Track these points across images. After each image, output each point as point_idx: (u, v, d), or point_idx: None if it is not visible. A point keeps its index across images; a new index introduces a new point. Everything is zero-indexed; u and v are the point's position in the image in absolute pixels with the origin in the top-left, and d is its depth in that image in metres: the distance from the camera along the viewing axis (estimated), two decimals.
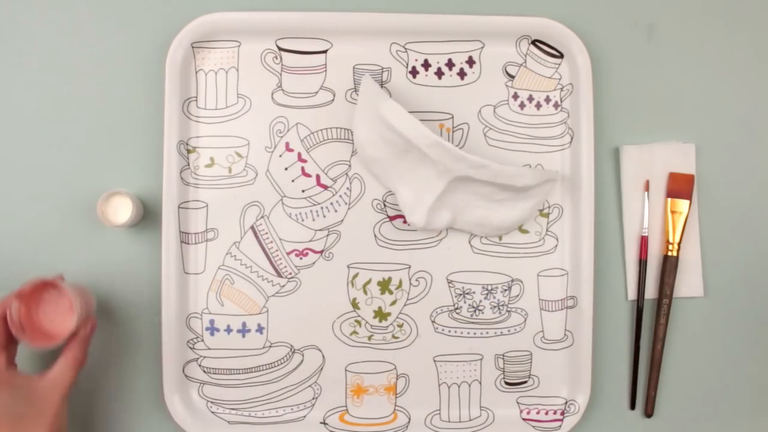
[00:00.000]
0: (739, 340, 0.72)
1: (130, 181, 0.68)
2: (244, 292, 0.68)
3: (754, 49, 0.73)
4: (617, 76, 0.71)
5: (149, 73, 0.68)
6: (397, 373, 0.69)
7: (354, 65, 0.69)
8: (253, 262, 0.68)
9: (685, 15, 0.72)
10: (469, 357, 0.69)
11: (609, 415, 0.71)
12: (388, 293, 0.69)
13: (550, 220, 0.70)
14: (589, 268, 0.68)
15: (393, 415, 0.69)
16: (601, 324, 0.71)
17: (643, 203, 0.71)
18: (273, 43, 0.68)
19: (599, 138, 0.70)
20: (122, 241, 0.68)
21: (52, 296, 0.61)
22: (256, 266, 0.68)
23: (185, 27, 0.67)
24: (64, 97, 0.68)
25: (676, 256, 0.70)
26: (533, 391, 0.70)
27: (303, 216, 0.68)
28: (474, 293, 0.69)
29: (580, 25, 0.70)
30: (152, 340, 0.68)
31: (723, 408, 0.72)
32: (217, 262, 0.68)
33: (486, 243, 0.70)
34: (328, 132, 0.69)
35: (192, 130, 0.68)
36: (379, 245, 0.69)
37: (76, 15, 0.69)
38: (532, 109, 0.70)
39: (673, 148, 0.71)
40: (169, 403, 0.67)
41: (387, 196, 0.69)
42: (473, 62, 0.70)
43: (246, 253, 0.68)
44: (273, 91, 0.69)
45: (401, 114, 0.62)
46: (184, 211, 0.67)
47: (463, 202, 0.66)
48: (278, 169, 0.68)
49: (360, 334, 0.69)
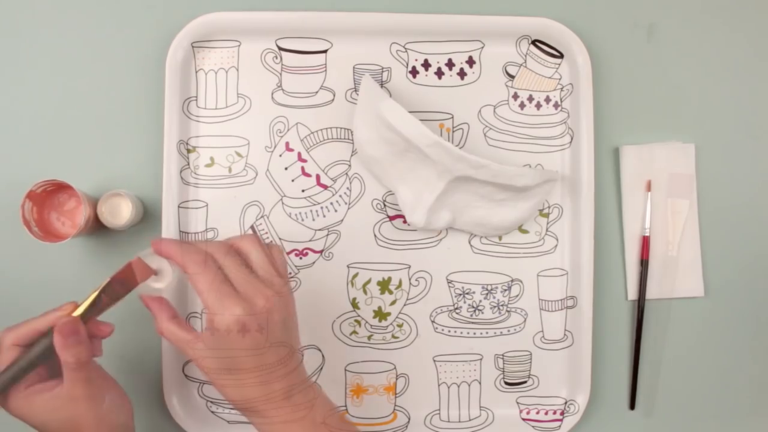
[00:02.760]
0: (739, 340, 0.72)
1: (130, 181, 0.68)
2: None
3: (754, 49, 0.73)
4: (617, 76, 0.71)
5: (149, 73, 0.68)
6: (397, 372, 0.69)
7: (354, 65, 0.69)
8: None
9: (685, 15, 0.72)
10: (469, 357, 0.69)
11: (609, 415, 0.71)
12: (388, 293, 0.69)
13: (550, 220, 0.70)
14: (588, 268, 0.68)
15: (393, 415, 0.69)
16: (601, 324, 0.71)
17: (644, 203, 0.71)
18: (273, 43, 0.68)
19: (599, 138, 0.70)
20: (122, 241, 0.68)
21: (62, 199, 0.65)
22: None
23: (185, 27, 0.67)
24: (63, 97, 0.68)
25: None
26: (533, 391, 0.70)
27: (303, 216, 0.68)
28: (474, 293, 0.69)
29: (580, 25, 0.70)
30: (152, 340, 0.68)
31: (723, 408, 0.72)
32: None
33: (486, 243, 0.70)
34: (328, 132, 0.69)
35: (192, 129, 0.68)
36: (379, 245, 0.69)
37: (76, 15, 0.69)
38: (532, 109, 0.70)
39: (673, 148, 0.71)
40: (169, 403, 0.67)
41: (387, 196, 0.69)
42: (473, 62, 0.70)
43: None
44: (273, 91, 0.69)
45: (401, 114, 0.62)
46: (184, 210, 0.67)
47: (463, 202, 0.66)
48: (278, 169, 0.68)
49: (360, 334, 0.69)
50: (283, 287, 0.54)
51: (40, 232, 0.63)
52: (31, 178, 0.63)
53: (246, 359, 0.51)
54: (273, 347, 0.52)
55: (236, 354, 0.51)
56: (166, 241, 0.55)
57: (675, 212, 0.71)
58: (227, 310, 0.50)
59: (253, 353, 0.51)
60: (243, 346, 0.51)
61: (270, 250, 0.55)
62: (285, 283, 0.54)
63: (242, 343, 0.51)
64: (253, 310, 0.51)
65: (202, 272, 0.52)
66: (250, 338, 0.51)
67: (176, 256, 0.53)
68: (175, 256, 0.53)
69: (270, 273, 0.54)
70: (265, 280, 0.53)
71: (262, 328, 0.51)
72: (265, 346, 0.51)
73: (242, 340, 0.51)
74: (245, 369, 0.51)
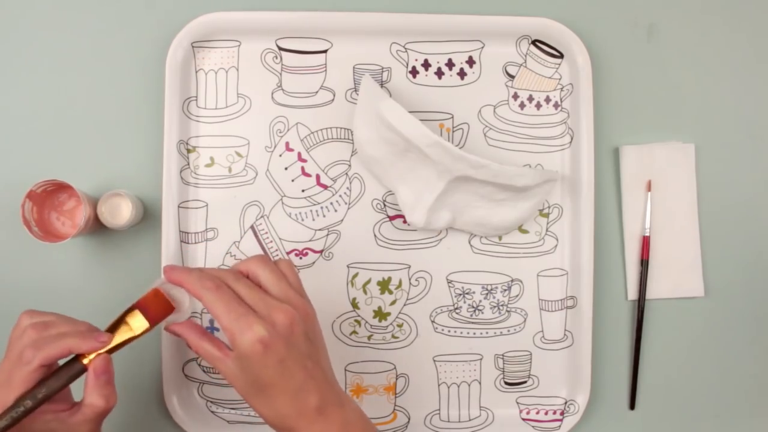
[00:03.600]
0: (739, 340, 0.72)
1: (130, 181, 0.68)
2: None
3: (754, 49, 0.73)
4: (617, 76, 0.71)
5: (149, 73, 0.68)
6: (397, 372, 0.69)
7: (354, 65, 0.69)
8: None
9: (685, 15, 0.72)
10: (469, 357, 0.69)
11: (609, 415, 0.71)
12: (388, 293, 0.69)
13: (550, 220, 0.70)
14: (588, 268, 0.68)
15: (392, 414, 0.69)
16: (600, 324, 0.71)
17: (644, 203, 0.71)
18: (273, 43, 0.68)
19: (599, 138, 0.70)
20: (122, 241, 0.68)
21: (62, 199, 0.65)
22: None
23: (185, 27, 0.67)
24: (63, 97, 0.68)
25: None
26: (533, 391, 0.70)
27: (303, 216, 0.68)
28: (474, 293, 0.69)
29: (580, 25, 0.70)
30: (152, 340, 0.67)
31: (723, 408, 0.72)
32: (216, 262, 0.68)
33: (486, 243, 0.70)
34: (328, 132, 0.69)
35: (192, 129, 0.68)
36: (379, 245, 0.69)
37: (76, 14, 0.69)
38: (532, 109, 0.70)
39: (673, 148, 0.71)
40: (169, 403, 0.67)
41: (387, 196, 0.69)
42: (473, 62, 0.70)
43: (246, 252, 0.68)
44: (273, 91, 0.69)
45: (401, 114, 0.62)
46: (184, 210, 0.67)
47: (463, 202, 0.66)
48: (278, 169, 0.68)
49: (360, 334, 0.69)
50: (299, 300, 0.53)
51: (40, 232, 0.63)
52: (31, 178, 0.63)
53: (272, 375, 0.50)
54: (298, 361, 0.51)
55: (262, 371, 0.50)
56: (179, 270, 0.54)
57: (675, 212, 0.71)
58: (247, 329, 0.50)
59: (278, 369, 0.50)
60: (267, 364, 0.50)
61: (279, 266, 0.55)
62: (301, 296, 0.54)
63: (266, 361, 0.50)
64: (273, 327, 0.50)
65: (218, 297, 0.51)
66: (274, 354, 0.50)
67: (189, 284, 0.52)
68: (188, 284, 0.52)
69: (283, 290, 0.53)
70: (280, 297, 0.52)
71: (284, 343, 0.50)
72: (290, 361, 0.51)
73: (266, 357, 0.50)
74: (273, 385, 0.51)
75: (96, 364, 0.52)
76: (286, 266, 0.55)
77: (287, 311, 0.51)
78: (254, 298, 0.52)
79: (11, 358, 0.51)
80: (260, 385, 0.51)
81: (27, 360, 0.50)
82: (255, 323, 0.50)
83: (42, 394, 0.50)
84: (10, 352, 0.51)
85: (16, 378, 0.50)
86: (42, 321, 0.52)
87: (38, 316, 0.53)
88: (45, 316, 0.53)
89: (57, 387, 0.51)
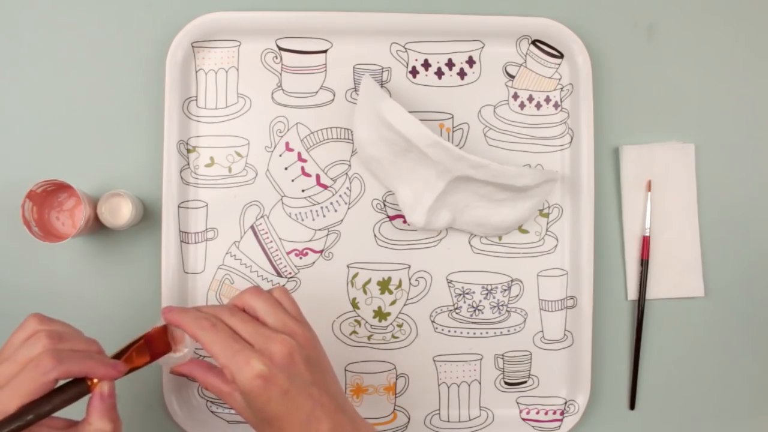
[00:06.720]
0: (739, 340, 0.72)
1: (130, 181, 0.68)
2: None
3: (754, 49, 0.73)
4: (617, 76, 0.71)
5: (149, 73, 0.68)
6: (397, 372, 0.69)
7: (354, 65, 0.69)
8: (252, 262, 0.68)
9: (685, 15, 0.72)
10: (469, 357, 0.69)
11: (609, 415, 0.71)
12: (388, 293, 0.69)
13: (550, 220, 0.70)
14: (588, 268, 0.68)
15: (392, 414, 0.69)
16: (600, 324, 0.71)
17: (644, 203, 0.71)
18: (273, 43, 0.68)
19: (599, 138, 0.70)
20: (122, 241, 0.68)
21: (62, 199, 0.65)
22: (256, 266, 0.68)
23: (185, 27, 0.67)
24: (63, 97, 0.68)
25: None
26: (533, 391, 0.70)
27: (303, 216, 0.68)
28: (474, 293, 0.69)
29: (580, 25, 0.70)
30: None
31: (723, 408, 0.72)
32: (216, 262, 0.68)
33: (486, 243, 0.70)
34: (328, 132, 0.69)
35: (192, 129, 0.68)
36: (379, 245, 0.69)
37: (75, 15, 0.69)
38: (532, 109, 0.70)
39: (673, 148, 0.71)
40: (169, 403, 0.67)
41: (387, 196, 0.69)
42: (473, 62, 0.70)
43: (246, 252, 0.68)
44: (273, 91, 0.69)
45: (401, 114, 0.62)
46: (184, 210, 0.67)
47: (463, 202, 0.66)
48: (278, 169, 0.68)
49: (360, 334, 0.69)
50: (297, 327, 0.52)
51: (40, 232, 0.63)
52: (31, 178, 0.63)
53: (278, 408, 0.49)
54: (303, 390, 0.50)
55: (266, 406, 0.49)
56: (176, 311, 0.53)
57: (675, 212, 0.71)
58: (245, 365, 0.49)
59: (283, 401, 0.49)
60: (271, 397, 0.49)
61: (273, 294, 0.54)
62: (299, 323, 0.53)
63: (269, 395, 0.49)
64: (271, 359, 0.49)
65: (214, 336, 0.50)
66: (275, 387, 0.49)
67: (186, 325, 0.52)
68: (185, 325, 0.52)
69: (280, 318, 0.52)
70: (277, 327, 0.52)
71: (285, 375, 0.49)
72: (294, 391, 0.50)
73: (268, 391, 0.49)
74: (280, 417, 0.50)
75: (103, 388, 0.50)
76: (280, 294, 0.54)
77: (284, 341, 0.50)
78: (250, 331, 0.51)
79: (17, 360, 0.48)
80: (268, 418, 0.50)
81: (45, 369, 0.47)
82: (252, 358, 0.49)
83: (45, 411, 0.48)
84: (15, 355, 0.49)
85: (24, 383, 0.47)
86: (56, 331, 0.50)
87: (49, 323, 0.51)
88: (56, 324, 0.51)
89: (60, 406, 0.49)
